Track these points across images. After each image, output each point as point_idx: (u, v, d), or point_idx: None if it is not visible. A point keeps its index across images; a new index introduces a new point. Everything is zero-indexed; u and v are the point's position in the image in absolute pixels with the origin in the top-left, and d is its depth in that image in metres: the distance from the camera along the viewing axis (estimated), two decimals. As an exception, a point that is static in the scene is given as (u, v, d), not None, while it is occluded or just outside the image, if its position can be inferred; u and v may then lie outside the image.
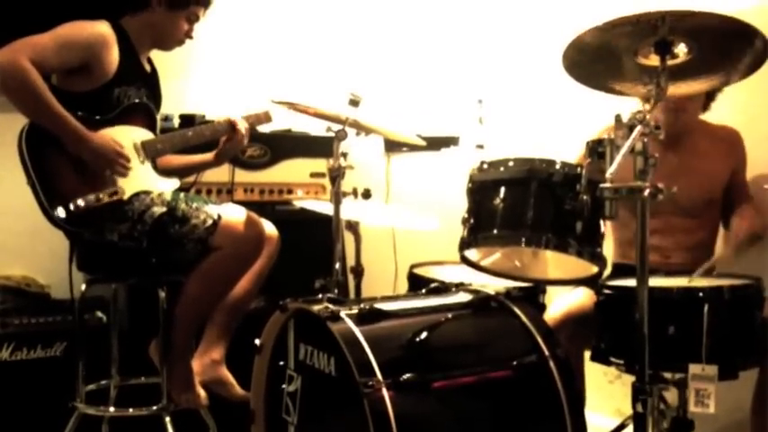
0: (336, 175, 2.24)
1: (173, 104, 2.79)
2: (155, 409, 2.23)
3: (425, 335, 1.74)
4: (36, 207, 2.11)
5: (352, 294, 2.58)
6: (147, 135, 2.36)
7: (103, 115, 2.25)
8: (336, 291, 2.18)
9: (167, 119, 2.82)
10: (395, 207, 2.77)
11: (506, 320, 1.91)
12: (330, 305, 1.79)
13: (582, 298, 2.26)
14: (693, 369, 1.74)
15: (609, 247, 2.44)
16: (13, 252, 2.96)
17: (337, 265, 2.23)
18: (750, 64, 1.70)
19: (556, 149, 2.02)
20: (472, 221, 1.95)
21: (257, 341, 2.04)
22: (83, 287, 2.33)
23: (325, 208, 2.38)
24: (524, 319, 1.90)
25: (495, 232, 1.91)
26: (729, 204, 2.46)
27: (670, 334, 1.80)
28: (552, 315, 2.20)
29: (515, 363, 1.81)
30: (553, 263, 2.08)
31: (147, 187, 2.28)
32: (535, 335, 1.86)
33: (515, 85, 3.44)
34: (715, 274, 2.19)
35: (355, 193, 2.47)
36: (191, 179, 2.65)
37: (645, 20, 1.59)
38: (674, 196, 1.63)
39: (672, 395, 1.98)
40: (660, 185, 1.57)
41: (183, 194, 2.32)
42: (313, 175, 3.13)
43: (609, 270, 2.33)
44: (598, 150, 1.62)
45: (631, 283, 1.70)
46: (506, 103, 3.36)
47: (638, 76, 1.79)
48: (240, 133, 2.47)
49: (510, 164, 1.90)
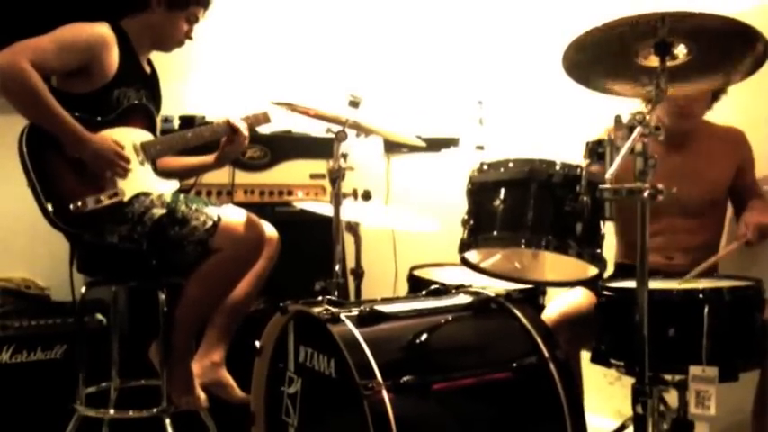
0: (336, 177, 2.24)
1: (172, 106, 2.79)
2: (155, 411, 2.23)
3: (425, 337, 1.74)
4: (36, 209, 2.11)
5: (352, 296, 2.57)
6: (146, 136, 2.36)
7: (103, 117, 2.25)
8: (336, 293, 2.18)
9: (167, 120, 2.83)
10: (395, 208, 2.77)
11: (506, 322, 1.91)
12: (330, 307, 1.78)
13: (579, 298, 2.25)
14: (694, 371, 1.74)
15: (611, 247, 2.44)
16: (14, 254, 2.96)
17: (337, 267, 2.23)
18: (750, 65, 1.70)
19: (556, 150, 2.01)
20: (472, 223, 1.95)
21: (257, 343, 2.04)
22: (83, 289, 2.32)
23: (325, 209, 2.38)
24: (524, 320, 1.90)
25: (494, 234, 1.91)
26: (742, 204, 2.43)
27: (670, 335, 1.80)
28: (548, 316, 2.19)
29: (515, 364, 1.81)
30: (553, 264, 2.08)
31: (147, 189, 2.28)
32: (535, 336, 1.86)
33: (515, 86, 3.44)
34: (715, 275, 2.19)
35: (355, 194, 2.47)
36: (190, 181, 2.65)
37: (644, 21, 1.59)
38: (674, 197, 1.62)
39: (672, 397, 1.99)
40: (660, 186, 1.57)
41: (182, 196, 2.32)
42: (313, 177, 3.13)
43: (611, 270, 2.33)
44: (598, 151, 1.62)
45: (631, 284, 1.70)
46: (506, 104, 3.36)
47: (638, 77, 1.79)
48: (241, 135, 2.47)
49: (510, 165, 1.90)
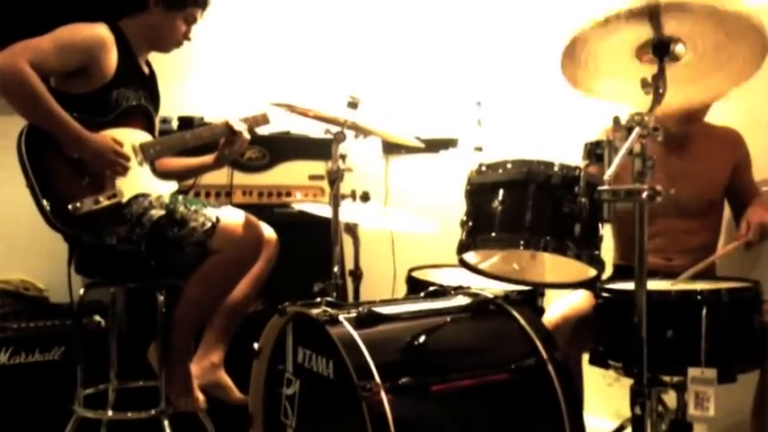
0: (335, 178, 2.24)
1: (171, 107, 2.79)
2: (153, 412, 2.23)
3: (424, 338, 1.73)
4: (35, 210, 2.11)
5: (350, 298, 2.58)
6: (145, 137, 2.36)
7: (102, 117, 2.25)
8: (335, 294, 2.18)
9: (166, 121, 2.82)
10: (393, 210, 2.77)
11: (505, 324, 1.91)
12: (328, 309, 1.78)
13: (580, 300, 2.25)
14: (692, 372, 1.74)
15: (608, 250, 2.44)
16: (12, 256, 2.96)
17: (336, 269, 2.23)
18: (750, 65, 1.69)
19: (554, 151, 2.01)
20: (470, 224, 1.95)
21: (256, 345, 2.03)
22: (81, 291, 2.32)
23: (324, 211, 2.38)
24: (523, 322, 1.89)
25: (493, 235, 1.90)
26: (740, 204, 2.43)
27: (669, 337, 1.80)
28: (550, 318, 2.19)
29: (514, 366, 1.81)
30: (551, 266, 2.08)
31: (146, 190, 2.28)
32: (533, 338, 1.86)
33: (514, 87, 3.43)
34: (713, 276, 2.19)
35: (354, 195, 2.47)
36: (189, 182, 2.65)
37: (638, 11, 1.56)
38: (672, 198, 1.62)
39: (670, 398, 1.99)
40: (658, 187, 1.57)
41: (181, 197, 2.32)
42: (311, 178, 3.13)
43: (609, 272, 2.33)
44: (596, 152, 1.61)
45: (630, 286, 1.70)
46: (505, 105, 3.36)
47: (637, 78, 1.78)
48: (242, 136, 2.47)
49: (508, 166, 1.90)
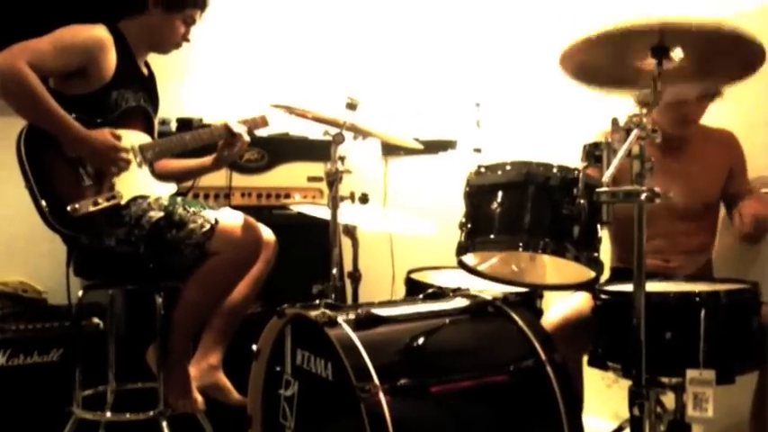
0: (334, 180, 2.23)
1: (170, 108, 2.79)
2: (152, 414, 2.23)
3: (422, 340, 1.73)
4: (33, 212, 2.11)
5: (349, 299, 2.57)
6: (144, 139, 2.36)
7: (102, 118, 2.25)
8: (334, 296, 2.17)
9: (165, 122, 2.82)
10: (392, 211, 2.76)
11: (503, 325, 1.91)
12: (327, 310, 1.78)
13: (580, 302, 2.25)
14: (691, 374, 1.74)
15: (605, 252, 2.43)
16: (10, 257, 2.96)
17: (335, 270, 2.22)
18: (746, 68, 1.70)
19: (553, 153, 2.01)
20: (469, 226, 1.94)
21: (255, 346, 2.03)
22: (80, 293, 2.32)
23: (323, 212, 2.38)
24: (521, 323, 1.90)
25: (492, 237, 1.90)
26: (735, 206, 2.44)
27: (667, 339, 1.80)
28: (550, 320, 2.20)
29: (512, 367, 1.81)
30: (550, 267, 2.08)
31: (145, 192, 2.28)
32: (532, 340, 1.86)
33: (513, 88, 3.44)
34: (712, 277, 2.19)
35: (353, 197, 2.47)
36: (188, 183, 2.65)
37: (638, 29, 1.57)
38: (670, 200, 1.62)
39: (669, 399, 1.99)
40: (657, 189, 1.57)
41: (180, 199, 2.32)
42: (310, 180, 3.13)
43: (607, 275, 2.33)
44: (595, 154, 1.62)
45: (628, 287, 1.70)
46: (504, 107, 3.36)
47: (635, 80, 1.78)
48: (242, 138, 2.47)
49: (507, 168, 1.90)
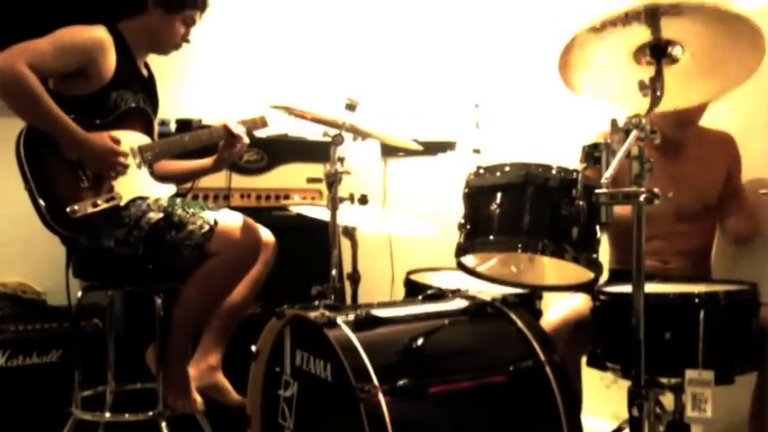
0: (333, 181, 2.23)
1: (170, 109, 2.79)
2: (151, 414, 2.23)
3: (422, 341, 1.73)
4: (32, 213, 2.11)
5: (348, 301, 2.57)
6: (144, 140, 2.36)
7: (101, 119, 2.25)
8: (333, 297, 2.17)
9: (164, 124, 2.82)
10: (391, 213, 2.77)
11: (503, 326, 1.91)
12: (326, 312, 1.78)
13: (580, 303, 2.26)
14: (690, 374, 1.74)
15: (604, 254, 2.44)
16: (9, 258, 2.95)
17: (334, 272, 2.22)
18: (746, 67, 1.69)
19: (552, 154, 2.01)
20: (468, 227, 1.95)
21: (254, 347, 2.03)
22: (79, 294, 2.32)
23: (322, 214, 2.37)
24: (520, 324, 1.90)
25: (491, 238, 1.90)
26: (724, 207, 2.47)
27: (666, 339, 1.80)
28: (550, 321, 2.20)
29: (511, 368, 1.81)
30: (549, 268, 2.08)
31: (144, 193, 2.28)
32: (531, 340, 1.86)
33: (512, 89, 3.44)
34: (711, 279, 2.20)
35: (352, 198, 2.46)
36: (187, 185, 2.65)
37: (634, 14, 1.56)
38: (669, 201, 1.62)
39: (668, 400, 1.99)
40: (656, 190, 1.57)
41: (179, 200, 2.32)
42: (310, 181, 3.13)
43: (606, 276, 2.33)
44: (594, 155, 1.62)
45: (627, 288, 1.70)
46: (503, 108, 3.36)
47: (634, 80, 1.78)
48: (241, 139, 2.47)
49: (506, 169, 1.90)
